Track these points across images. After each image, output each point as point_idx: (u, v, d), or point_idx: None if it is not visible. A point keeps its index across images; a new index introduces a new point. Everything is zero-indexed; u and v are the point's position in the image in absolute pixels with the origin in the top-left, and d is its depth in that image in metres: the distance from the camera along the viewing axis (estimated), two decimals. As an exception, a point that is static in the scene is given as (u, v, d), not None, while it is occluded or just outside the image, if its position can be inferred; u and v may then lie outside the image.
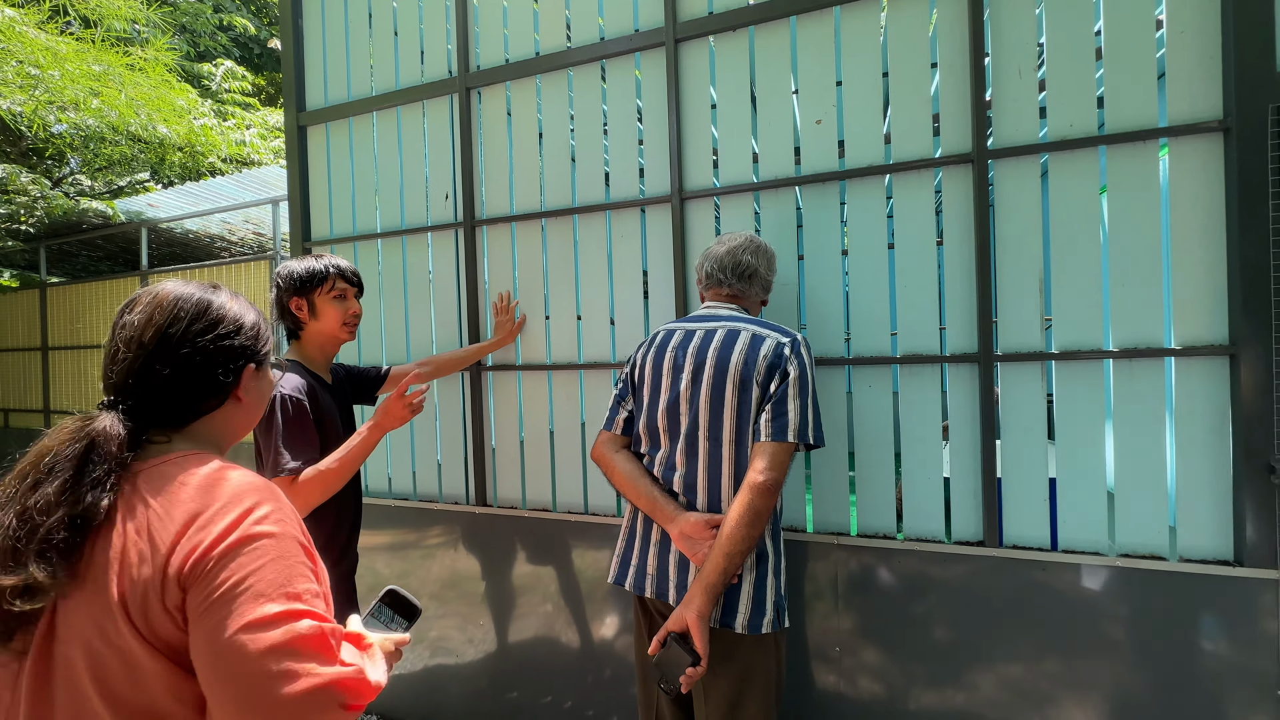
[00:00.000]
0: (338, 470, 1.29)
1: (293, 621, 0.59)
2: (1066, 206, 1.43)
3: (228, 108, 6.33)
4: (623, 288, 1.87)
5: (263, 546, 0.62)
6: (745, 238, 1.37)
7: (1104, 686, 1.38)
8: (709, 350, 1.23)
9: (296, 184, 2.33)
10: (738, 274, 1.34)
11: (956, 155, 1.50)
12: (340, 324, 1.47)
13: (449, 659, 2.10)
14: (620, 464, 1.33)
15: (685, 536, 1.19)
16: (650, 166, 1.82)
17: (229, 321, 0.75)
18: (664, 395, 1.28)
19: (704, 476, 1.22)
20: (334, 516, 1.45)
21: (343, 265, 1.48)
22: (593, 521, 1.87)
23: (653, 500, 1.25)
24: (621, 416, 1.37)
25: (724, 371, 1.20)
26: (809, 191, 1.66)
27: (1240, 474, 1.30)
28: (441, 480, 2.14)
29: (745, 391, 1.19)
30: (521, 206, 2.00)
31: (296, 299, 1.44)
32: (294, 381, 1.35)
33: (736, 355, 1.20)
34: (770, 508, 1.13)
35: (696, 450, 1.23)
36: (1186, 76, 1.35)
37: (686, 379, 1.24)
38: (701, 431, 1.22)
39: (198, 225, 4.53)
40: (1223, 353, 1.32)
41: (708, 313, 1.33)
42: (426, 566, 2.13)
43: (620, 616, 1.85)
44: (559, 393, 1.97)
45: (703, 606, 1.10)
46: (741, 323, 1.26)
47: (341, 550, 1.50)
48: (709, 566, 1.11)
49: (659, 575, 1.26)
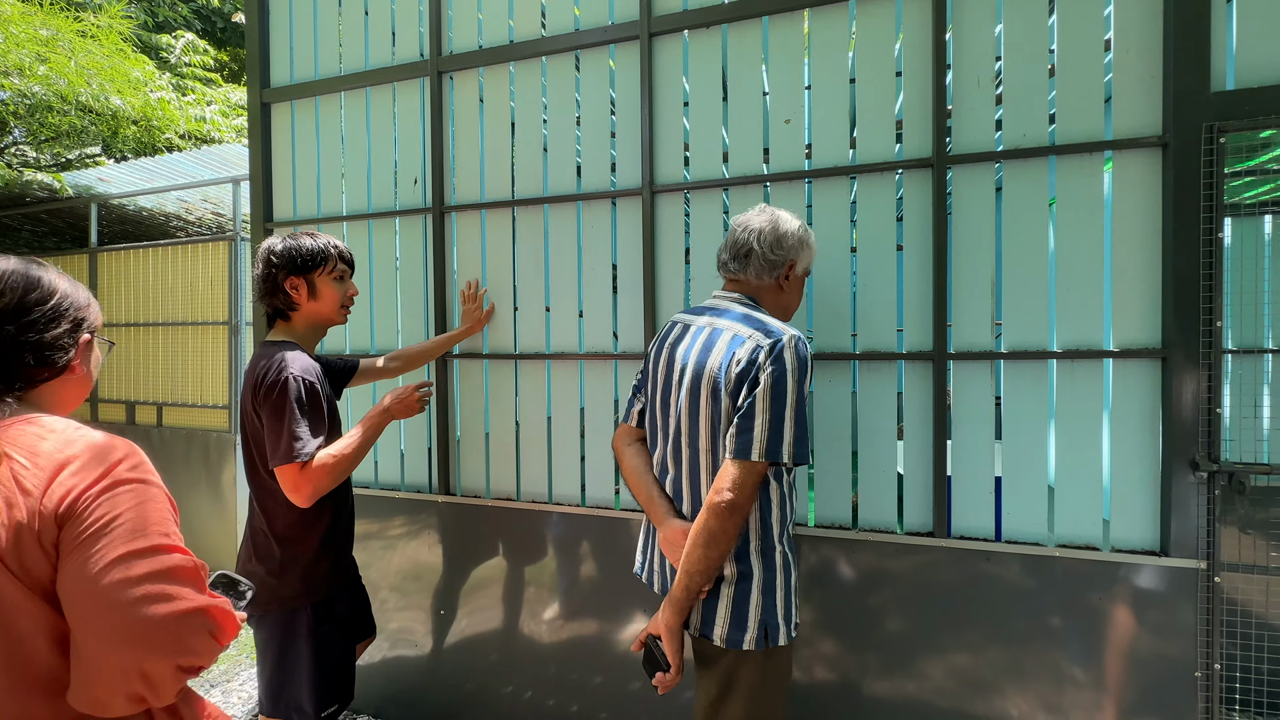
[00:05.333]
0: (351, 456, 1.27)
1: (167, 553, 0.64)
2: (1018, 212, 1.50)
3: (187, 82, 6.07)
4: (592, 278, 1.87)
5: (135, 490, 0.67)
6: (754, 213, 1.24)
7: (1041, 669, 1.45)
8: (691, 351, 1.16)
9: (259, 162, 2.26)
10: (733, 253, 1.23)
11: (917, 159, 1.55)
12: (339, 306, 1.43)
13: (409, 650, 2.08)
14: (628, 459, 1.30)
15: (667, 542, 1.17)
16: (622, 158, 1.83)
17: (61, 296, 0.78)
18: (658, 395, 1.24)
19: (688, 482, 1.18)
20: (332, 510, 1.41)
21: (340, 245, 1.44)
22: (557, 511, 1.88)
23: (650, 499, 1.23)
24: (636, 409, 1.34)
25: (699, 377, 1.13)
26: (777, 189, 1.69)
27: (1168, 470, 1.38)
28: (404, 469, 2.11)
29: (716, 401, 1.10)
30: (492, 194, 1.99)
31: (294, 278, 1.37)
32: (303, 362, 1.29)
33: (712, 359, 1.11)
34: (729, 530, 1.04)
35: (681, 455, 1.18)
36: (1130, 93, 1.43)
37: (675, 380, 1.19)
38: (684, 437, 1.17)
39: (152, 203, 4.33)
40: (1155, 355, 1.40)
41: (711, 304, 1.25)
42: (387, 556, 2.10)
43: (582, 607, 1.86)
44: (525, 383, 1.96)
45: (669, 618, 1.10)
46: (730, 319, 1.15)
47: (343, 546, 1.47)
48: (676, 581, 1.10)
49: (661, 572, 1.25)
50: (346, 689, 1.43)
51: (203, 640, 0.64)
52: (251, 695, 2.35)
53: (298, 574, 1.34)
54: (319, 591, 1.37)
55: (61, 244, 4.68)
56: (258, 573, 1.33)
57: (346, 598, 1.47)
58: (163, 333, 3.72)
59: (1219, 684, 1.35)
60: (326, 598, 1.39)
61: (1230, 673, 1.35)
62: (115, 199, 4.01)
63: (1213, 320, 1.35)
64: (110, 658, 0.60)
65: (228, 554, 3.47)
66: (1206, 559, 1.35)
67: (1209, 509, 1.35)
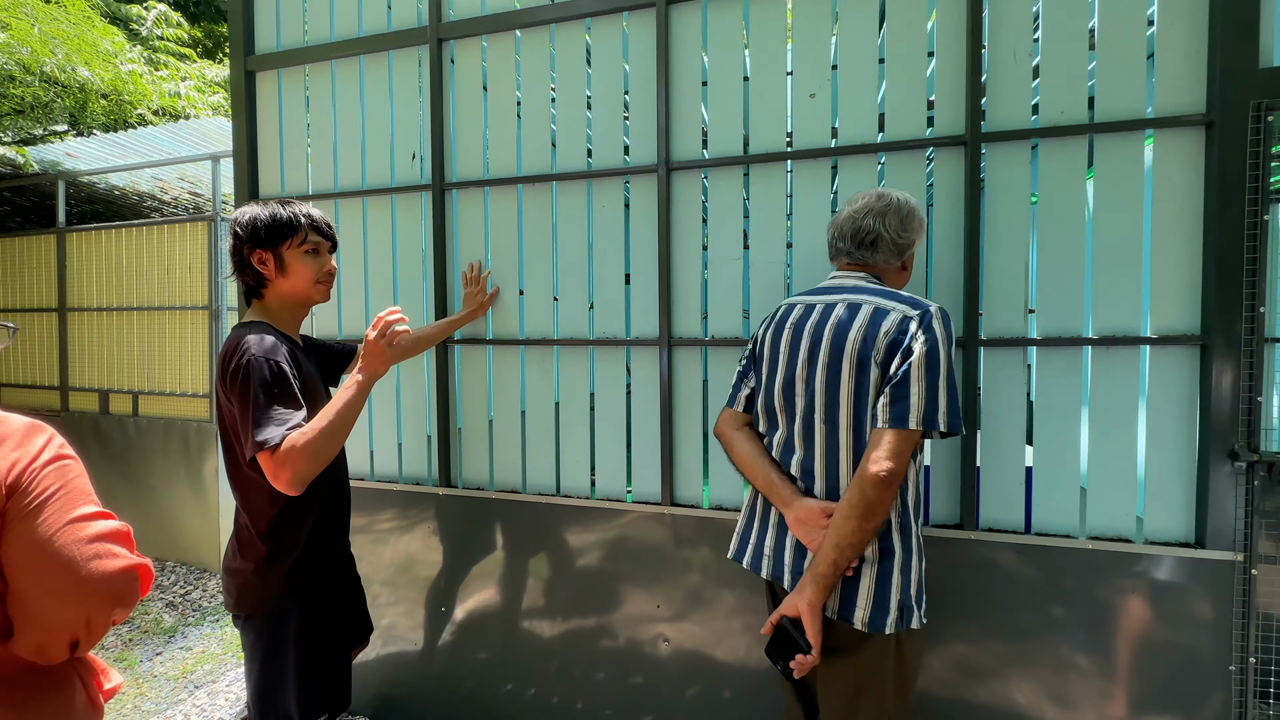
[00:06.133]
0: (328, 432, 1.12)
1: (105, 519, 0.72)
2: (1055, 193, 1.44)
3: (161, 56, 5.79)
4: (603, 260, 1.78)
5: (70, 465, 0.74)
6: (871, 198, 1.21)
7: (1069, 663, 1.41)
8: (826, 327, 1.14)
9: (243, 135, 2.12)
10: (858, 241, 1.21)
11: (950, 137, 1.48)
12: (313, 282, 1.30)
13: (407, 647, 1.99)
14: (739, 443, 1.27)
15: (800, 522, 1.13)
16: (636, 134, 1.74)
17: None
18: (780, 374, 1.21)
19: (821, 462, 1.15)
20: (321, 503, 1.29)
21: (315, 215, 1.30)
22: (565, 504, 1.80)
23: (770, 482, 1.19)
24: (743, 394, 1.30)
25: (840, 350, 1.11)
26: (800, 168, 1.61)
27: (1205, 459, 1.34)
28: (401, 460, 2.01)
29: (863, 372, 1.08)
30: (496, 171, 1.88)
31: (260, 251, 1.25)
32: (264, 343, 1.16)
33: (855, 332, 1.10)
34: (885, 501, 1.03)
35: (813, 434, 1.15)
36: (1174, 69, 1.37)
37: (803, 358, 1.17)
38: (818, 414, 1.14)
39: (125, 181, 4.11)
40: (1194, 342, 1.36)
41: (833, 284, 1.23)
42: (380, 551, 2.00)
43: (587, 602, 1.79)
44: (532, 370, 1.87)
45: (813, 596, 1.06)
46: (867, 295, 1.14)
47: (336, 542, 1.36)
48: (820, 556, 1.06)
49: (775, 557, 1.20)
50: (339, 696, 1.34)
51: (134, 593, 0.72)
52: (239, 696, 2.25)
53: (285, 572, 1.24)
54: (309, 591, 1.27)
55: (26, 224, 4.44)
56: (243, 571, 1.23)
57: (340, 598, 1.38)
58: (138, 318, 3.54)
59: (1253, 677, 1.32)
60: (317, 598, 1.29)
61: (1265, 666, 1.32)
62: (85, 176, 3.80)
63: (1255, 306, 1.31)
64: (62, 610, 0.68)
65: (209, 548, 3.33)
66: (1244, 551, 1.32)
67: (1247, 500, 1.31)
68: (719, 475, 1.69)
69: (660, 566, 1.72)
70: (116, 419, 3.57)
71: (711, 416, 1.69)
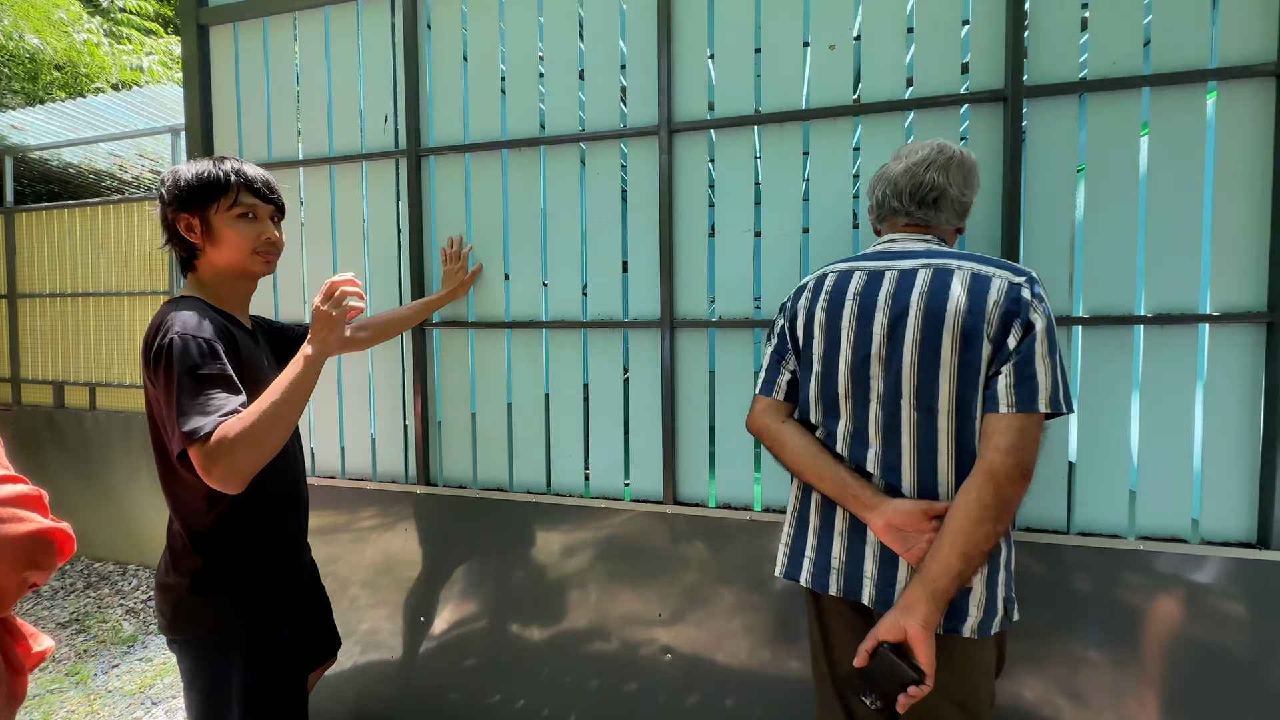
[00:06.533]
0: (271, 415, 0.94)
1: (15, 483, 0.69)
2: (1105, 153, 1.29)
3: (123, 29, 5.46)
4: (598, 233, 1.61)
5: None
6: (930, 150, 1.05)
7: (1119, 671, 1.28)
8: (912, 295, 0.97)
9: (196, 97, 1.91)
10: (919, 199, 1.05)
11: (988, 92, 1.32)
12: (248, 252, 1.11)
13: (384, 654, 1.82)
14: (792, 438, 1.08)
15: (894, 528, 0.96)
16: (634, 92, 1.56)
17: None
18: (846, 354, 1.02)
19: (911, 455, 0.98)
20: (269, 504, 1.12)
21: (251, 173, 1.11)
22: (557, 503, 1.63)
23: (841, 483, 1.01)
24: (783, 379, 1.12)
25: (938, 322, 0.94)
26: (819, 127, 1.45)
27: (1270, 450, 1.21)
28: (376, 456, 1.83)
29: (971, 347, 0.93)
30: (477, 134, 1.69)
31: (187, 216, 1.07)
32: (188, 320, 0.98)
33: (955, 301, 0.94)
34: (1020, 498, 0.91)
35: (899, 422, 0.98)
36: (1241, 14, 1.22)
37: (880, 333, 0.99)
38: (906, 399, 0.97)
39: (79, 158, 3.84)
40: (1260, 320, 1.22)
41: (894, 247, 1.05)
42: (355, 553, 1.83)
43: (583, 608, 1.63)
44: (519, 355, 1.70)
45: (929, 615, 0.89)
46: (951, 258, 0.98)
47: (291, 549, 1.19)
48: (937, 568, 0.90)
49: (848, 570, 1.02)
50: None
51: (48, 557, 0.69)
52: (201, 713, 2.06)
53: (228, 589, 1.07)
54: (257, 610, 1.10)
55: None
56: (177, 588, 1.05)
57: (298, 616, 1.20)
58: (94, 304, 3.30)
59: (1321, 690, 1.20)
60: (267, 618, 1.11)
61: (1336, 678, 1.19)
62: (34, 151, 3.53)
63: (1331, 278, 1.17)
64: None
65: (175, 550, 3.12)
66: (1314, 551, 1.19)
67: (1319, 495, 1.18)
68: (726, 471, 1.54)
69: (662, 570, 1.56)
70: (73, 413, 3.34)
71: (719, 406, 1.53)
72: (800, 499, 1.11)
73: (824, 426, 1.07)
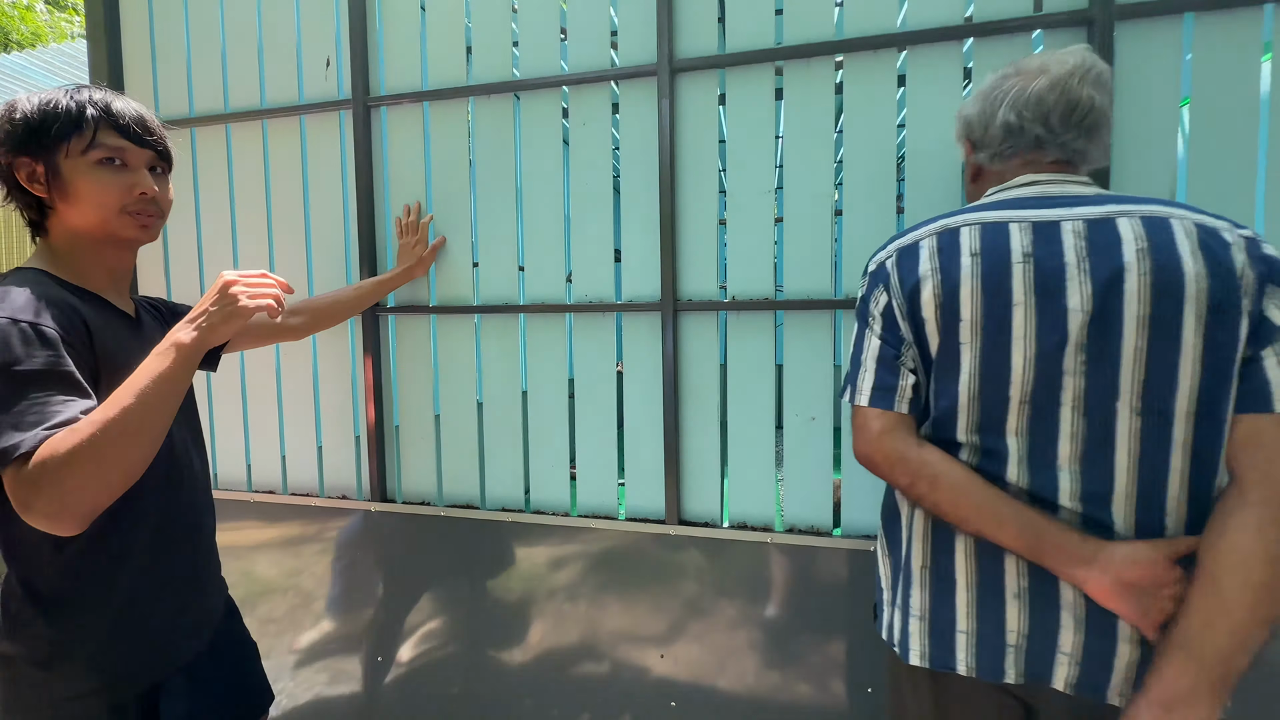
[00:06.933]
0: (121, 424, 0.66)
1: None
2: (1215, 84, 1.04)
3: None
4: (584, 196, 1.34)
5: None
6: (1077, 58, 0.78)
7: None
8: (1125, 253, 0.70)
9: (102, 42, 1.60)
10: (1077, 123, 0.78)
11: (1067, 12, 1.07)
12: (115, 210, 0.81)
13: (333, 702, 1.53)
14: (948, 470, 0.77)
15: (1127, 586, 0.69)
16: (627, 24, 1.29)
17: None
18: (1024, 341, 0.74)
19: (1130, 479, 0.72)
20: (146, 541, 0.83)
21: (118, 106, 0.81)
22: (538, 523, 1.36)
23: (1036, 530, 0.72)
24: (907, 382, 0.80)
25: (1174, 290, 0.69)
26: (853, 62, 1.19)
27: None
28: (323, 468, 1.55)
29: (1222, 325, 0.68)
30: (438, 79, 1.41)
31: (29, 161, 0.78)
32: (16, 299, 0.71)
33: (1191, 262, 0.68)
34: None
35: (1111, 433, 0.72)
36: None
37: (1082, 308, 0.71)
38: (1125, 400, 0.71)
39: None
40: None
41: (1050, 191, 0.78)
42: (298, 582, 1.54)
43: (564, 650, 1.36)
44: (491, 346, 1.42)
45: (1211, 711, 0.64)
46: (1151, 204, 0.72)
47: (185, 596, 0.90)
48: (1226, 642, 0.64)
49: (1033, 647, 0.75)
50: None
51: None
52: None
53: (87, 660, 0.78)
54: (131, 684, 0.81)
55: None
56: (15, 660, 0.77)
57: (204, 678, 0.91)
58: None
59: None
60: (149, 689, 0.83)
61: None
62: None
63: None
64: None
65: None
66: None
67: None
68: (741, 483, 1.27)
69: (664, 602, 1.30)
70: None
71: (734, 403, 1.27)
72: (932, 548, 0.81)
73: (980, 447, 0.77)
